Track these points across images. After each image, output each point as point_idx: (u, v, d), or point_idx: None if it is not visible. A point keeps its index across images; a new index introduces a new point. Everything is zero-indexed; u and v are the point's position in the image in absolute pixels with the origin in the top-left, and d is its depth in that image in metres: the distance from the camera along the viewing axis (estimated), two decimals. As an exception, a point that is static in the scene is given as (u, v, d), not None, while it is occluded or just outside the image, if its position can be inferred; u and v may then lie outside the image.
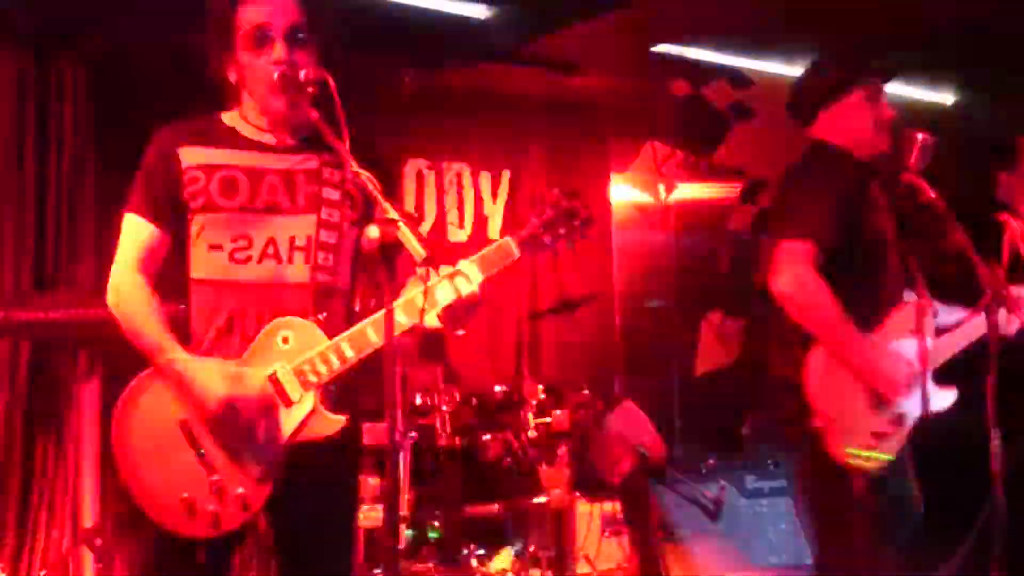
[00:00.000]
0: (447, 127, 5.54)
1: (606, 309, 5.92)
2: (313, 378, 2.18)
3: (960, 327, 2.89)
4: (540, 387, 4.38)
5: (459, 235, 5.55)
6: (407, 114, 5.31)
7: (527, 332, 5.59)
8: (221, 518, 2.17)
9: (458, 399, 4.14)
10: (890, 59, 3.01)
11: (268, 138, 2.31)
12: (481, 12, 4.92)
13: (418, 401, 4.00)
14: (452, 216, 5.53)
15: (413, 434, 3.89)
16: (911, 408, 2.79)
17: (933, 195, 2.66)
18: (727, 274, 6.35)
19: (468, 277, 2.16)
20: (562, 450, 4.30)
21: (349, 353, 2.18)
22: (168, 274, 2.33)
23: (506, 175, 5.72)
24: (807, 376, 2.73)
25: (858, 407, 2.77)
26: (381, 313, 2.14)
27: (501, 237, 2.26)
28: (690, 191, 6.23)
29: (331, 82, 2.10)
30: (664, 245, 6.21)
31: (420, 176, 5.46)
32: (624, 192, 6.16)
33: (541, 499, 4.12)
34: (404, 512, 3.84)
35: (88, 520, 4.11)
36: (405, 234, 1.91)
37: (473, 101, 5.57)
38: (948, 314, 2.95)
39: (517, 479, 4.27)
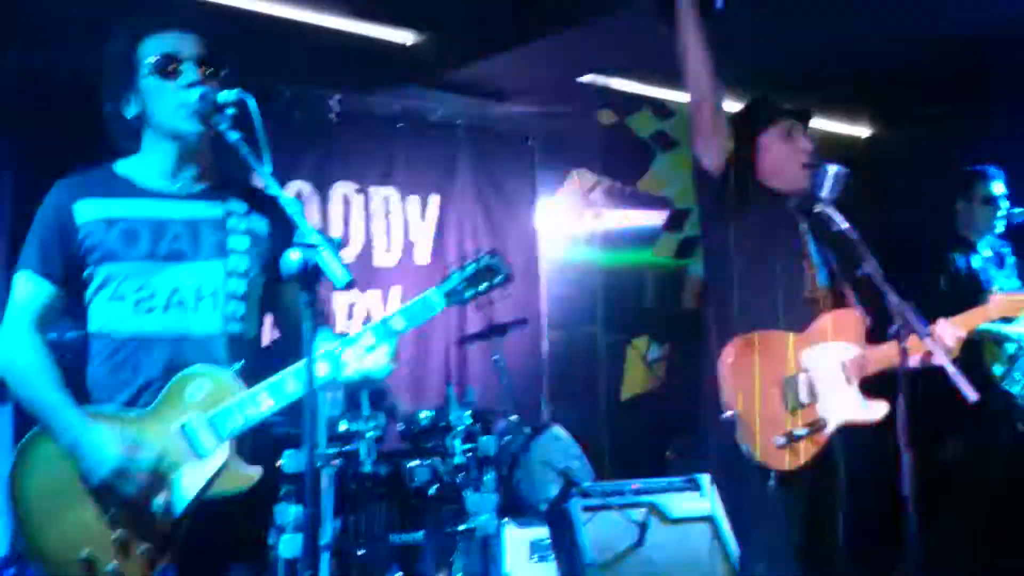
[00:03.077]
0: (375, 151, 5.53)
1: (534, 334, 5.94)
2: (229, 429, 2.14)
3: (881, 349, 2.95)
4: (467, 412, 4.36)
5: (386, 259, 5.53)
6: (334, 138, 5.30)
7: (455, 357, 5.60)
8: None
9: (383, 425, 4.09)
10: (805, 100, 3.16)
11: (169, 185, 2.26)
12: (408, 38, 4.93)
13: (342, 427, 3.94)
14: (379, 240, 5.51)
15: (336, 461, 3.83)
16: (831, 414, 2.84)
17: (845, 225, 2.74)
18: (652, 300, 6.45)
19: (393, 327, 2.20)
20: (489, 476, 4.28)
21: (268, 403, 2.15)
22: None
23: (434, 199, 5.72)
24: (721, 370, 2.86)
25: (770, 404, 2.84)
26: (302, 363, 2.14)
27: (429, 262, 2.28)
28: (615, 218, 6.32)
29: (250, 104, 2.08)
30: (590, 271, 6.27)
31: (347, 200, 5.43)
32: (551, 218, 6.21)
33: (468, 526, 4.09)
34: (328, 540, 3.77)
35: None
36: (326, 259, 1.88)
37: (401, 126, 5.57)
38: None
39: (444, 505, 4.23)
